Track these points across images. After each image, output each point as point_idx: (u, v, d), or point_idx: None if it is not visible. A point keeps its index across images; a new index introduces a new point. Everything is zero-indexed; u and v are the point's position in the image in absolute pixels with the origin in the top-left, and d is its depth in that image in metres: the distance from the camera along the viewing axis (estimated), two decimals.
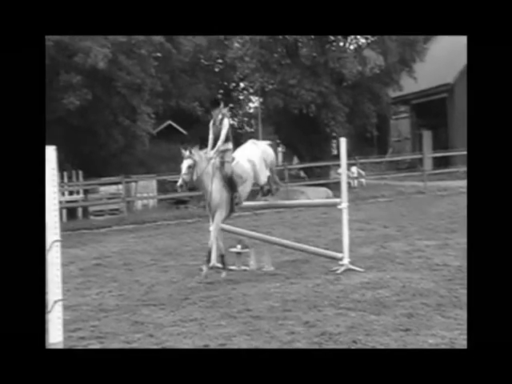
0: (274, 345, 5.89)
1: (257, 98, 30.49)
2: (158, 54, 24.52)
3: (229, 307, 7.54)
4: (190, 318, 7.16)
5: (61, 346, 6.02)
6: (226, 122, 9.65)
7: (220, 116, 9.67)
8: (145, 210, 22.03)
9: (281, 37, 24.52)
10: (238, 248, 10.38)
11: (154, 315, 7.43)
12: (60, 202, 13.21)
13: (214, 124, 9.72)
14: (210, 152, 9.62)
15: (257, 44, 24.35)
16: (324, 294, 7.83)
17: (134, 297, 8.56)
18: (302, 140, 26.26)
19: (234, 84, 34.71)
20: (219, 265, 9.78)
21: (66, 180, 21.09)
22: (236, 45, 26.58)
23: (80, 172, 21.69)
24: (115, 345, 6.26)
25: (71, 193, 21.82)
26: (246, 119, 36.94)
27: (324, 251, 9.95)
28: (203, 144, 10.04)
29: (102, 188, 22.11)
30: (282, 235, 11.26)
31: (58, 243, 6.16)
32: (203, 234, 11.66)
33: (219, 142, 9.52)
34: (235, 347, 5.90)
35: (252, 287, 8.60)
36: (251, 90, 31.24)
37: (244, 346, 5.92)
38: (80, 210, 21.43)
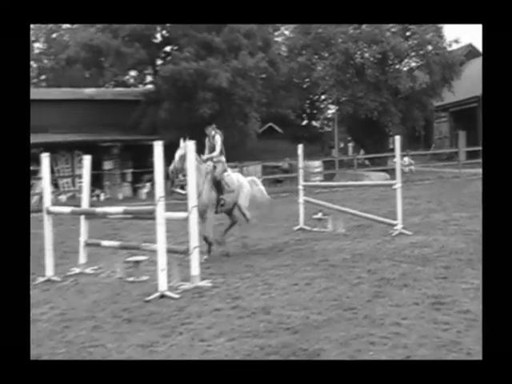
0: (346, 286, 5.82)
1: (334, 106, 30.08)
2: (263, 76, 24.66)
3: (312, 258, 7.51)
4: (285, 264, 7.17)
5: (198, 278, 6.22)
6: (218, 138, 8.28)
7: (213, 133, 8.32)
8: None
9: (352, 62, 24.58)
10: (319, 215, 10.31)
11: (260, 261, 7.49)
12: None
13: (208, 141, 8.37)
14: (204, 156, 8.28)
15: (334, 67, 24.43)
16: (382, 250, 7.65)
17: (246, 247, 8.65)
18: (367, 137, 25.91)
19: (316, 96, 34.31)
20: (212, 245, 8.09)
21: None
22: (319, 68, 26.46)
23: None
24: (232, 280, 6.37)
25: None
26: (325, 122, 36.61)
27: (383, 219, 9.70)
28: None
29: None
30: (351, 207, 11.04)
31: (196, 208, 6.37)
32: (293, 205, 11.61)
33: (214, 153, 8.22)
34: (317, 286, 5.88)
35: (329, 244, 8.52)
36: (330, 101, 30.82)
37: (324, 285, 5.88)
38: None
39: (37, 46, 40.41)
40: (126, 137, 22.40)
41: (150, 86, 27.07)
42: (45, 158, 7.34)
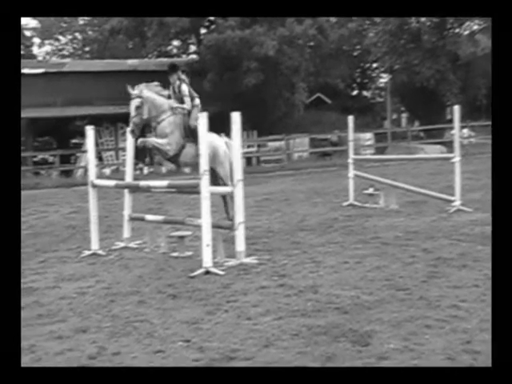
0: (399, 265, 5.70)
1: (386, 75, 29.24)
2: (311, 43, 24.20)
3: (363, 235, 7.38)
4: (334, 241, 7.08)
5: (244, 255, 6.25)
6: (184, 88, 7.11)
7: (178, 82, 7.16)
8: (300, 160, 22.14)
9: (406, 27, 23.71)
10: (371, 190, 10.11)
11: (307, 237, 7.43)
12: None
13: (173, 92, 7.22)
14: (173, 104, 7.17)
15: (387, 33, 23.64)
16: (438, 228, 7.43)
17: (292, 223, 8.62)
18: (422, 107, 25.06)
19: (368, 64, 33.47)
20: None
21: (245, 137, 21.65)
22: (371, 34, 25.74)
23: (255, 132, 22.19)
24: (279, 257, 6.36)
25: (248, 146, 22.39)
26: (377, 92, 35.72)
27: (439, 195, 9.41)
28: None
29: (270, 143, 22.52)
30: (404, 182, 10.76)
31: (241, 182, 6.36)
32: (343, 179, 11.44)
33: (185, 105, 7.12)
34: (368, 265, 5.78)
35: (381, 220, 8.35)
36: (382, 69, 30.01)
37: (375, 264, 5.78)
38: (254, 160, 21.99)
39: (81, 17, 41.09)
40: None
41: (193, 56, 27.11)
42: (89, 131, 7.47)
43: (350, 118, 10.51)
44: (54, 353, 3.85)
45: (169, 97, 7.23)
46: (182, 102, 7.09)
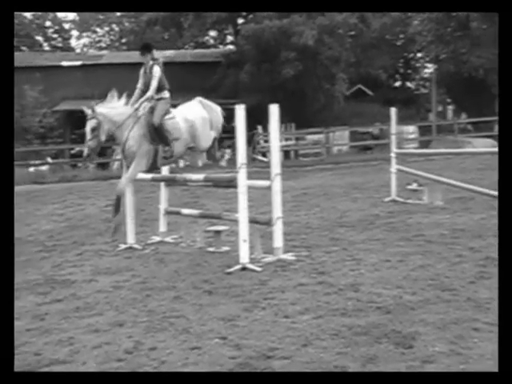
0: (444, 264, 5.57)
1: (431, 64, 28.62)
2: (352, 33, 23.91)
3: (406, 232, 7.24)
4: (375, 238, 6.98)
5: (281, 251, 6.24)
6: (157, 70, 6.69)
7: (151, 63, 6.78)
8: (339, 154, 21.93)
9: (454, 14, 23.02)
10: (414, 186, 9.92)
11: (347, 234, 7.36)
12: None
13: (144, 72, 6.84)
14: (133, 103, 6.79)
15: (433, 20, 23.02)
16: (487, 226, 7.21)
17: (331, 219, 8.55)
18: (470, 99, 24.39)
19: (412, 54, 32.82)
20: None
21: (283, 130, 21.58)
22: (415, 22, 25.19)
23: (293, 124, 22.07)
24: (318, 254, 6.32)
25: (286, 139, 22.31)
26: (421, 83, 35.01)
27: (488, 191, 9.13)
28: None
29: (309, 136, 22.37)
30: (450, 177, 10.50)
31: (279, 176, 6.34)
32: (384, 174, 11.27)
33: (149, 92, 6.66)
34: (411, 263, 5.68)
35: (425, 217, 8.18)
36: (427, 59, 29.36)
37: (419, 263, 5.67)
38: (292, 153, 21.90)
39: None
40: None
41: (230, 47, 27.19)
42: None
43: (393, 110, 10.32)
44: (91, 346, 3.94)
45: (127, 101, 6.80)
46: (150, 84, 6.63)
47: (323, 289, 4.96)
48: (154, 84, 6.62)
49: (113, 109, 6.55)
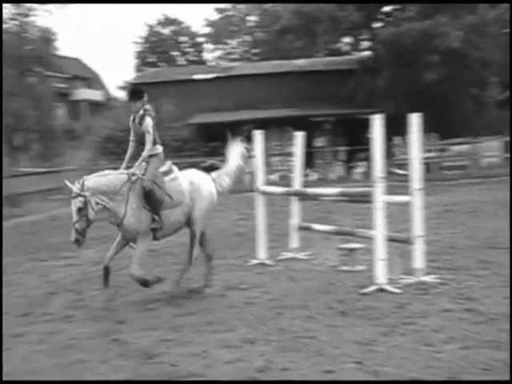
0: None
1: None
2: (507, 30, 22.43)
3: None
4: None
5: (422, 272, 6.03)
6: (149, 122, 5.89)
7: (141, 112, 5.96)
8: (489, 166, 20.61)
9: None
10: None
11: (499, 257, 6.86)
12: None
13: (133, 122, 6.05)
14: (127, 160, 6.09)
15: None
16: None
17: (479, 239, 8.08)
18: None
19: None
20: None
21: (425, 140, 20.84)
22: None
23: (433, 134, 21.26)
24: (464, 277, 6.01)
25: (428, 151, 21.51)
26: None
27: None
28: None
29: (453, 147, 21.40)
30: None
31: (420, 191, 6.15)
32: None
33: (144, 153, 5.91)
34: None
35: None
36: None
37: None
38: (434, 166, 21.06)
39: (249, 19, 43.52)
40: (339, 110, 22.72)
41: (366, 53, 26.95)
42: (258, 135, 7.85)
43: None
44: (224, 361, 4.12)
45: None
46: (142, 136, 5.96)
47: (471, 317, 4.72)
48: (148, 141, 5.91)
49: (103, 177, 5.81)
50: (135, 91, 6.16)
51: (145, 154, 5.92)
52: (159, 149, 6.09)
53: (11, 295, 6.55)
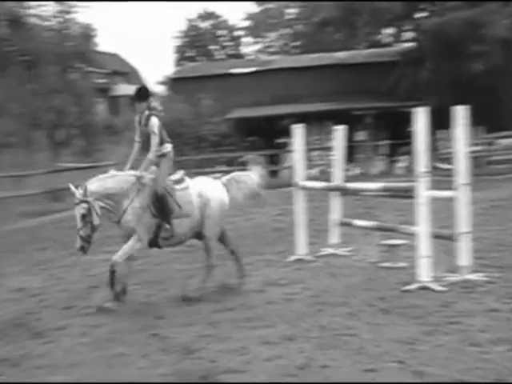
0: None
1: None
2: None
3: None
4: None
5: (468, 270, 5.89)
6: (155, 123, 5.82)
7: (146, 113, 5.90)
8: None
9: None
10: None
11: None
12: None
13: (139, 123, 5.98)
14: (132, 161, 5.99)
15: None
16: None
17: None
18: None
19: None
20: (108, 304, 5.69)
21: (471, 134, 20.36)
22: None
23: (480, 128, 20.76)
24: None
25: (475, 144, 21.02)
26: None
27: None
28: None
29: (500, 140, 20.89)
30: None
31: (466, 186, 6.01)
32: None
33: (150, 155, 5.80)
34: None
35: None
36: None
37: None
38: (481, 160, 20.57)
39: (288, 12, 43.36)
40: (381, 103, 22.40)
41: (408, 44, 26.48)
42: (297, 130, 7.82)
43: None
44: (263, 358, 4.13)
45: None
46: (148, 137, 5.89)
47: None
48: (154, 142, 5.82)
49: (108, 179, 5.76)
50: (139, 92, 6.03)
51: (150, 156, 5.81)
52: (168, 147, 6.00)
53: (54, 289, 6.73)
